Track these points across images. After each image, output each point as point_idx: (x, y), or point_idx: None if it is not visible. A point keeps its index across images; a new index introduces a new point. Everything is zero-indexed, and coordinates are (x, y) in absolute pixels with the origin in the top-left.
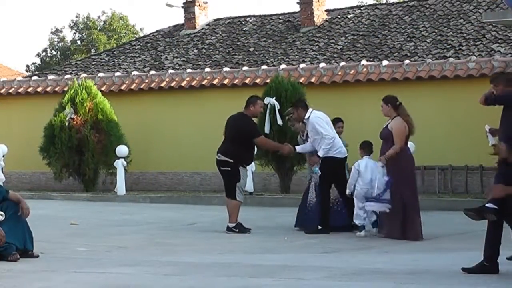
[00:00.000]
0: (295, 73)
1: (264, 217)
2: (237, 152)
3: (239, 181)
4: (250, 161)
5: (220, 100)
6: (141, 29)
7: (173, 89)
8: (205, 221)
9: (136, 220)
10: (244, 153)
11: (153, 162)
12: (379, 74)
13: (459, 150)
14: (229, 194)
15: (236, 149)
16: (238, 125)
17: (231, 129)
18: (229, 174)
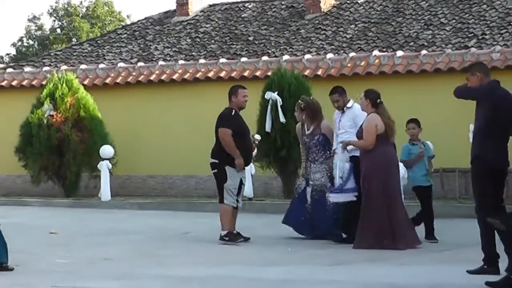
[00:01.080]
0: (299, 65)
1: (265, 225)
2: (221, 151)
3: (226, 182)
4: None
5: (216, 95)
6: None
7: (164, 82)
8: (199, 229)
9: (123, 228)
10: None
11: (142, 164)
12: (392, 66)
13: None
14: (220, 198)
15: (220, 147)
16: (216, 120)
17: (215, 127)
18: (216, 176)
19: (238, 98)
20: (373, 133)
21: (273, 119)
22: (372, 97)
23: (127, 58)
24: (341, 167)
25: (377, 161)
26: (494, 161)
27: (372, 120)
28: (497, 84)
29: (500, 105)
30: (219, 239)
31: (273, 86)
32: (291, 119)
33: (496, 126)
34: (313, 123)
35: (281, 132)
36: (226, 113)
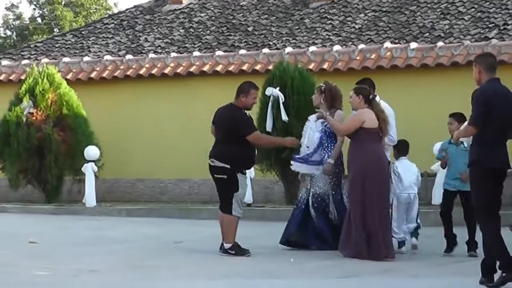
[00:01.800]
0: (303, 58)
1: (265, 233)
2: (233, 155)
3: (237, 191)
4: (250, 164)
5: (212, 91)
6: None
7: (155, 77)
8: (193, 238)
9: (109, 237)
10: (243, 155)
11: (130, 167)
12: (406, 59)
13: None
14: (224, 207)
15: (232, 150)
16: (229, 121)
17: (223, 126)
18: (224, 183)
19: (247, 99)
20: (353, 124)
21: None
22: (365, 93)
23: (114, 50)
24: (310, 136)
25: (366, 161)
26: (493, 164)
27: (361, 114)
28: (494, 84)
29: (495, 108)
30: (222, 252)
31: (274, 81)
32: (294, 118)
33: (493, 129)
34: (329, 109)
35: (283, 132)
36: (242, 115)
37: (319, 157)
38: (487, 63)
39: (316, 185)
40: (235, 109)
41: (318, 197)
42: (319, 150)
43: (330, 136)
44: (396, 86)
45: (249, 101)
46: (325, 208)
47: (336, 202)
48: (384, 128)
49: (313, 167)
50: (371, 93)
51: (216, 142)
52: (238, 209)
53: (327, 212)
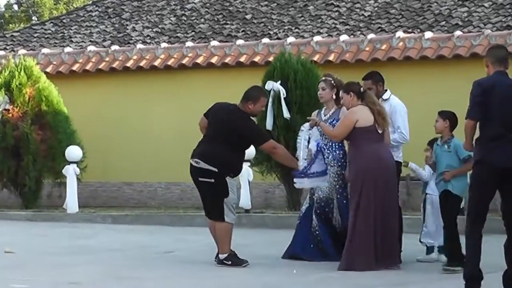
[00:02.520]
0: (307, 49)
1: (265, 242)
2: (225, 159)
3: (227, 196)
4: (239, 168)
5: (207, 85)
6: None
7: (143, 70)
8: (186, 247)
9: (93, 246)
10: (237, 160)
11: (116, 169)
12: (420, 50)
13: None
14: (215, 214)
15: (225, 153)
16: (236, 125)
17: (222, 125)
18: (212, 187)
19: (255, 107)
20: (346, 127)
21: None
22: (355, 89)
23: (99, 40)
24: (305, 146)
25: (366, 164)
26: (500, 163)
27: (353, 113)
28: (495, 76)
29: (494, 100)
30: (217, 262)
31: (275, 75)
32: (297, 114)
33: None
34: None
35: (285, 130)
36: (251, 122)
37: (321, 167)
38: (495, 55)
39: (320, 189)
40: (242, 114)
41: (322, 202)
42: (317, 160)
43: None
44: (410, 79)
45: (257, 109)
46: (328, 215)
47: (341, 207)
48: (380, 123)
49: (316, 180)
50: (361, 86)
51: (205, 140)
52: (230, 215)
53: (330, 218)
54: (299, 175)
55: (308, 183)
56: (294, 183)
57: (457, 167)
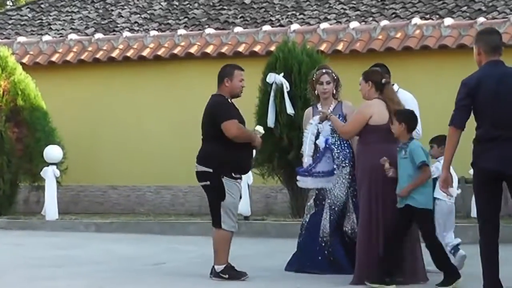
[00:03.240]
0: (313, 37)
1: (266, 252)
2: (216, 155)
3: (223, 199)
4: (242, 167)
5: (201, 78)
6: None
7: (130, 60)
8: (178, 258)
9: (75, 257)
10: (229, 154)
11: (100, 171)
12: (439, 39)
13: None
14: (213, 220)
15: (214, 149)
16: (208, 112)
17: (205, 120)
18: (209, 190)
19: (233, 83)
20: (360, 123)
21: (278, 111)
22: (375, 79)
23: (81, 27)
24: (311, 141)
25: (373, 162)
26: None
27: (368, 107)
28: (486, 71)
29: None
30: (213, 275)
31: (277, 66)
32: (302, 110)
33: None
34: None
35: (289, 128)
36: (222, 101)
37: (327, 166)
38: (488, 43)
39: (332, 195)
40: (216, 97)
41: (335, 207)
42: (324, 158)
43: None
44: (427, 71)
45: (236, 85)
46: (342, 221)
47: (356, 210)
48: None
49: (321, 180)
50: (383, 77)
51: (202, 143)
52: (229, 221)
53: (342, 225)
54: (302, 173)
55: (312, 183)
56: (297, 181)
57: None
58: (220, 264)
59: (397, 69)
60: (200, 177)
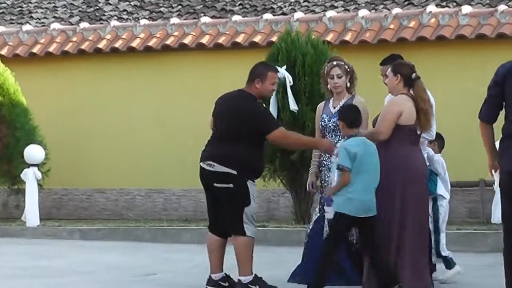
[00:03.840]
0: (318, 27)
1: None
2: (244, 158)
3: (248, 204)
4: (261, 171)
5: (196, 71)
6: None
7: (119, 52)
8: (171, 269)
9: (58, 267)
10: (256, 159)
11: (86, 173)
12: (456, 28)
13: None
14: (234, 227)
15: (242, 151)
16: (240, 112)
17: (229, 118)
18: (231, 194)
19: (264, 85)
20: (392, 121)
21: (280, 107)
22: (405, 72)
23: (65, 16)
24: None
25: (394, 168)
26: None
27: (396, 104)
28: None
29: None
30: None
31: (279, 58)
32: (307, 107)
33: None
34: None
35: (292, 126)
36: (259, 105)
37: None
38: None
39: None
40: (247, 97)
41: None
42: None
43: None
44: (444, 64)
45: (266, 88)
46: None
47: None
48: (423, 123)
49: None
50: (414, 71)
51: (215, 140)
52: (251, 228)
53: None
54: (331, 203)
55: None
56: (326, 213)
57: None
58: (246, 274)
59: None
60: (219, 178)
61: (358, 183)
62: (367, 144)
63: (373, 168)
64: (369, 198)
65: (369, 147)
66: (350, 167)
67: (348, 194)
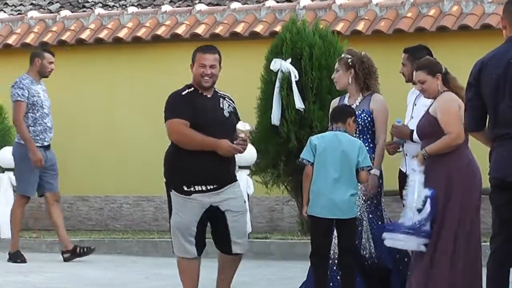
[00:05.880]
0: (327, 15)
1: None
2: (166, 160)
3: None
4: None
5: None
6: None
7: (104, 43)
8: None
9: (35, 284)
10: (176, 159)
11: (67, 179)
12: (481, 17)
13: None
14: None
15: (167, 154)
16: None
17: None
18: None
19: (195, 68)
20: (459, 119)
21: (284, 105)
22: (440, 69)
23: (43, 3)
24: (419, 191)
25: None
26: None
27: (452, 100)
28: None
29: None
30: None
31: (284, 50)
32: (315, 105)
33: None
34: (362, 91)
35: (298, 126)
36: (174, 96)
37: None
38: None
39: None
40: (176, 90)
41: None
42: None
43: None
44: (466, 56)
45: (197, 72)
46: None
47: (373, 230)
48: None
49: (422, 240)
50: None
51: None
52: (178, 246)
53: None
54: (404, 230)
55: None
56: (384, 240)
57: None
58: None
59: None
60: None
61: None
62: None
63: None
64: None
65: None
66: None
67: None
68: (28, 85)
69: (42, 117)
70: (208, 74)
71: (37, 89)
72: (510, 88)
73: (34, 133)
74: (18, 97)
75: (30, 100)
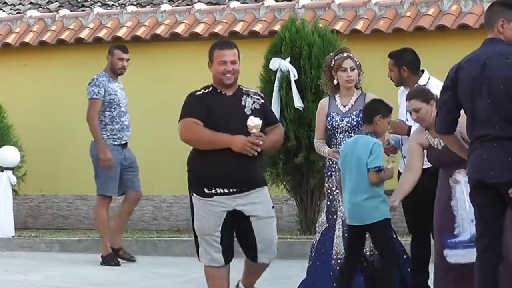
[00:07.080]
0: (326, 14)
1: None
2: (188, 163)
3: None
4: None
5: (190, 63)
6: None
7: (103, 42)
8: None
9: (34, 283)
10: (200, 164)
11: (66, 178)
12: (481, 16)
13: None
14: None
15: (190, 155)
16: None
17: None
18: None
19: (214, 67)
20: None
21: (283, 104)
22: (432, 96)
23: (42, 3)
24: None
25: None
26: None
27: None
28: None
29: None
30: None
31: (283, 49)
32: (314, 104)
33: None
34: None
35: (297, 125)
36: (187, 97)
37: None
38: (486, 15)
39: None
40: (193, 91)
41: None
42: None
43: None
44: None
45: (216, 70)
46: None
47: None
48: None
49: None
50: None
51: None
52: (204, 254)
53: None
54: (467, 245)
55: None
56: (446, 256)
57: None
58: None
59: (428, 53)
60: None
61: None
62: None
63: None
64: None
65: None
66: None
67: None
68: (105, 83)
69: (119, 116)
70: (230, 71)
71: (113, 87)
72: (487, 87)
73: (112, 131)
74: (94, 95)
75: (106, 98)
